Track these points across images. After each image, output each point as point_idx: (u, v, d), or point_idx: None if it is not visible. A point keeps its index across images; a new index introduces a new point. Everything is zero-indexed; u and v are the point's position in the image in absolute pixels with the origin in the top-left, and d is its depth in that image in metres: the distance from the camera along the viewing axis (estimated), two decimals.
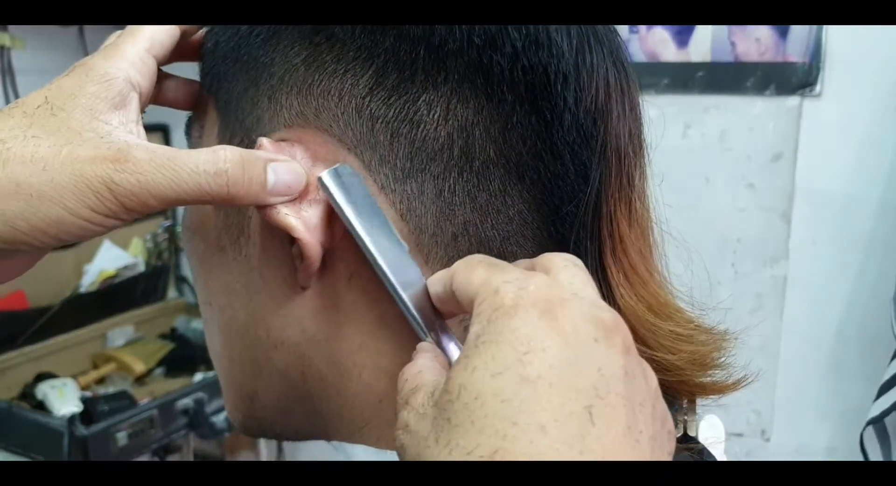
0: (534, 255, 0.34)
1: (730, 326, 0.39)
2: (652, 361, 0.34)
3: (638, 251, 0.36)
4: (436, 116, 0.33)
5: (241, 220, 0.37)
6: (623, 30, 1.51)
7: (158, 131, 1.79)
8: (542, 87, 0.34)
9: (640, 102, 0.38)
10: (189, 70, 0.41)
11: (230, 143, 0.37)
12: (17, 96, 1.64)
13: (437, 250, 0.34)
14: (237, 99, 0.37)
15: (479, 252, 0.34)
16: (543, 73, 0.33)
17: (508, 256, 0.35)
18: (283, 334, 0.36)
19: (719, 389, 0.37)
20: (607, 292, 0.36)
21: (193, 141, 0.40)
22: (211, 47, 0.38)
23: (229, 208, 0.37)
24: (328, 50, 0.34)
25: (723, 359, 0.37)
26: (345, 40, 0.33)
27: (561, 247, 0.35)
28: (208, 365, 1.62)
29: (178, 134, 1.57)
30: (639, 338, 0.35)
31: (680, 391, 0.36)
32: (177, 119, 0.47)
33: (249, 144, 0.36)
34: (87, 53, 1.73)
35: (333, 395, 0.36)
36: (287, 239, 0.34)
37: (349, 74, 0.33)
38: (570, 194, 0.35)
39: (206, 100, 0.39)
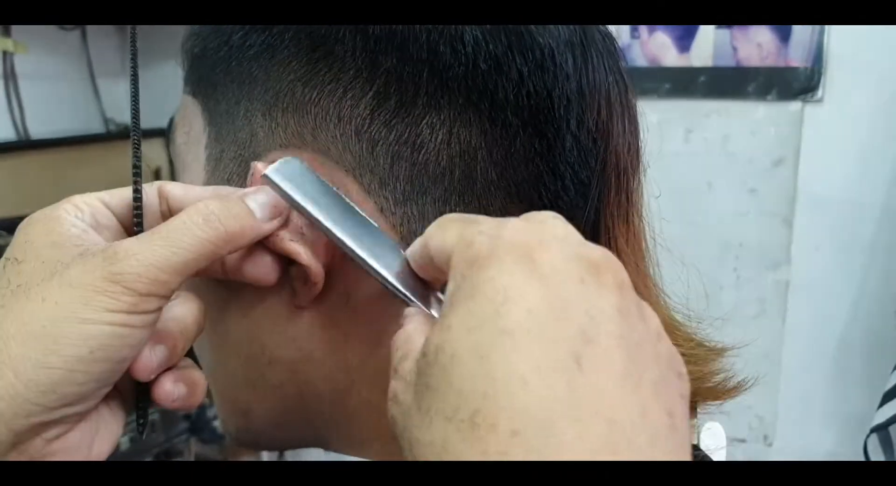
0: None
1: (732, 330, 0.39)
2: None
3: (634, 267, 0.36)
4: (438, 140, 0.33)
5: None
6: (624, 35, 1.51)
7: (159, 136, 1.78)
8: (546, 111, 0.33)
9: (638, 113, 0.38)
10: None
11: (221, 156, 0.36)
12: (19, 101, 1.63)
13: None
14: (228, 111, 0.36)
15: None
16: (548, 98, 0.33)
17: None
18: (278, 351, 0.36)
19: (721, 395, 0.37)
20: None
21: (177, 146, 0.39)
22: (198, 53, 0.37)
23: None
24: (327, 68, 0.33)
25: (723, 376, 0.36)
26: (344, 59, 0.33)
27: None
28: None
29: None
30: None
31: None
32: None
33: (242, 159, 0.35)
34: (89, 58, 1.75)
35: (331, 410, 0.36)
36: (286, 260, 0.34)
37: (349, 95, 0.33)
38: (570, 212, 0.35)
39: (192, 105, 0.38)
